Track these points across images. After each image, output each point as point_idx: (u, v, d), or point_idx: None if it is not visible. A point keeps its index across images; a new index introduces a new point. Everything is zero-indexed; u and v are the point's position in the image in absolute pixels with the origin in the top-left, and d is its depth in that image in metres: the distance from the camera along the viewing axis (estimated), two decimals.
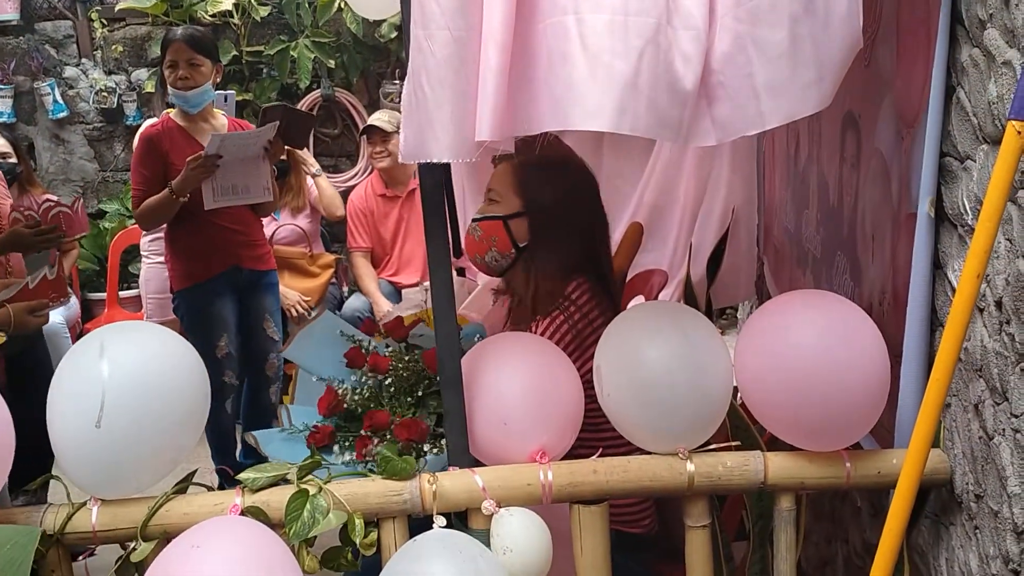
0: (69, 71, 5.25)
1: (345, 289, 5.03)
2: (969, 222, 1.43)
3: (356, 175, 5.38)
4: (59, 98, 5.23)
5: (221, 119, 3.61)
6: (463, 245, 2.07)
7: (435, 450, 1.84)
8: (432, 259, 1.50)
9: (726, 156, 3.20)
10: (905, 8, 1.59)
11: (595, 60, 1.31)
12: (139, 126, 5.24)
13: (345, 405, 2.02)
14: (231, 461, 3.76)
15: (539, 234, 1.98)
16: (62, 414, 1.41)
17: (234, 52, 5.08)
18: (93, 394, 1.37)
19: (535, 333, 1.91)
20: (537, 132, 1.33)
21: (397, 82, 5.43)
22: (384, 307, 4.67)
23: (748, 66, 1.33)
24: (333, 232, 5.02)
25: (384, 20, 4.83)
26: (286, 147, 3.67)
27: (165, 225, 3.59)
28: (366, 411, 1.98)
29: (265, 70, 5.24)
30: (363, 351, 2.12)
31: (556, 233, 1.95)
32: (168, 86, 3.43)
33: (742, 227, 3.47)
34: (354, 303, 4.77)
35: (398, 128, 4.64)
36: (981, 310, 1.41)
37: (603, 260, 2.09)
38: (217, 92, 4.06)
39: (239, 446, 3.87)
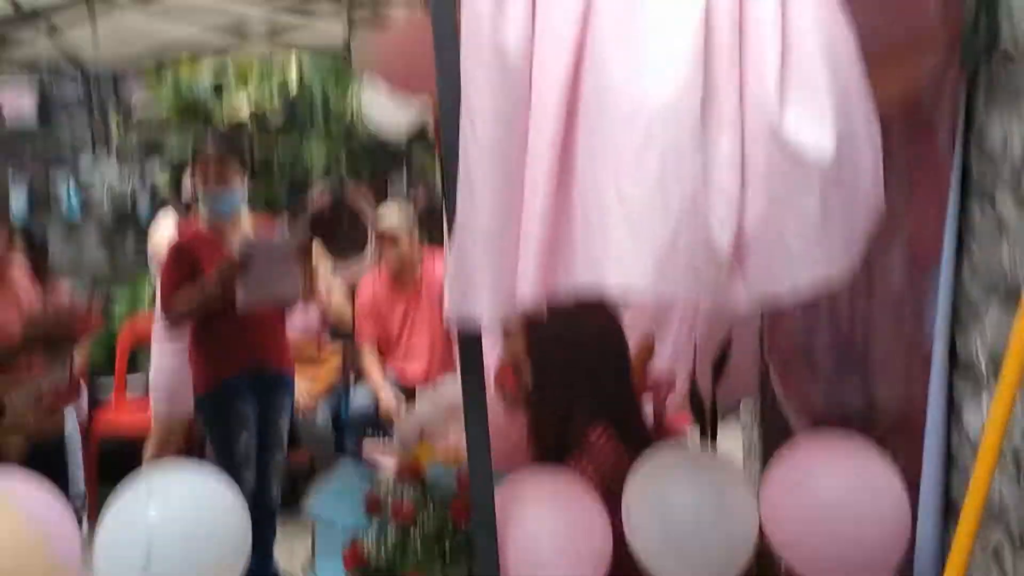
0: (84, 167, 5.35)
1: (352, 382, 5.06)
2: (983, 370, 1.50)
3: (364, 268, 5.44)
4: (73, 193, 5.32)
5: (248, 224, 3.68)
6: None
7: None
8: (468, 408, 1.55)
9: None
10: (919, 164, 1.68)
11: (634, 224, 1.39)
12: (151, 221, 5.38)
13: (371, 561, 2.02)
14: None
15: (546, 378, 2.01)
16: (110, 558, 1.44)
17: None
18: (141, 540, 1.40)
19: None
20: (577, 292, 1.40)
21: (405, 180, 5.55)
22: (389, 399, 4.71)
23: (780, 231, 1.40)
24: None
25: None
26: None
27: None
28: (393, 564, 1.99)
29: (276, 168, 5.35)
30: (380, 499, 2.11)
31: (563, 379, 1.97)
32: (198, 190, 3.50)
33: (745, 326, 3.53)
34: (360, 398, 4.80)
35: (408, 226, 4.79)
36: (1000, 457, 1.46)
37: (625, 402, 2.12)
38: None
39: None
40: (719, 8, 1.39)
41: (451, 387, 3.51)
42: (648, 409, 3.05)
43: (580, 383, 2.05)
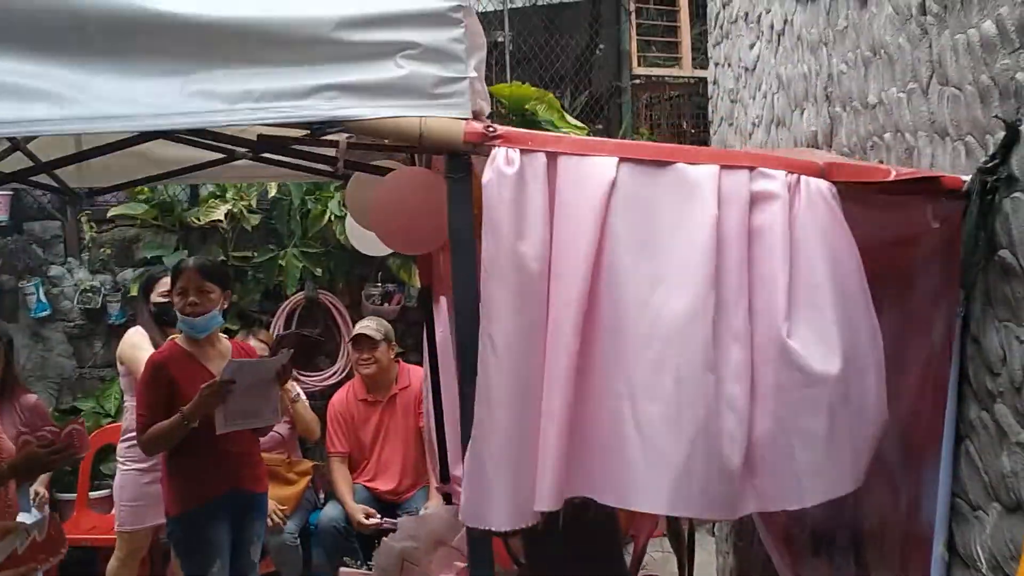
0: (55, 270, 5.31)
1: (322, 496, 4.98)
2: (983, 570, 1.52)
3: (334, 374, 5.42)
4: (43, 297, 5.26)
5: (225, 342, 3.66)
6: None
7: None
8: None
9: None
10: (917, 358, 1.73)
11: (650, 446, 1.44)
12: (121, 325, 5.32)
13: None
14: None
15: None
16: None
17: (221, 256, 5.19)
18: None
19: None
20: (595, 500, 1.41)
21: (379, 285, 5.56)
22: (359, 515, 4.64)
23: (789, 448, 1.45)
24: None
25: None
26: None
27: None
28: None
29: (251, 273, 5.34)
30: None
31: None
32: (177, 310, 3.48)
33: None
34: (330, 512, 4.74)
35: (385, 336, 4.79)
36: None
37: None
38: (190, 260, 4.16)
39: None
40: (729, 223, 1.45)
41: (434, 516, 3.48)
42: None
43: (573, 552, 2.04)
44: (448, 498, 3.87)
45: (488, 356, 1.42)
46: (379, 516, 4.66)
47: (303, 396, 4.90)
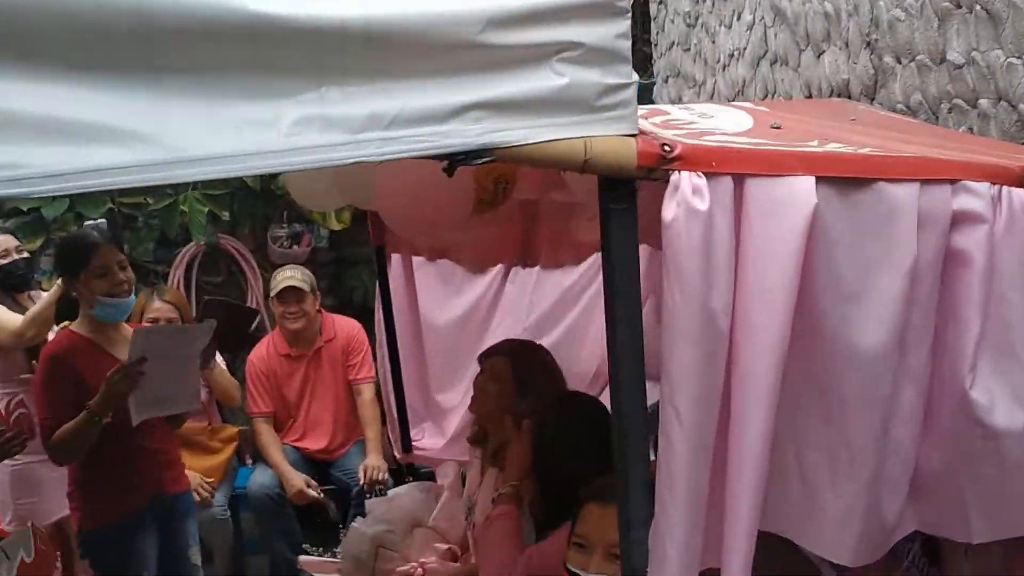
0: None
1: (250, 462, 4.62)
2: None
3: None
4: None
5: (126, 326, 3.15)
6: None
7: None
8: None
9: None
10: None
11: (811, 494, 1.32)
12: None
13: None
14: None
15: None
16: None
17: (109, 204, 4.60)
18: None
19: None
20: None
21: (285, 226, 5.12)
22: (295, 481, 4.33)
23: (958, 489, 1.36)
24: None
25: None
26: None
27: None
28: None
29: (141, 219, 4.79)
30: None
31: None
32: (86, 294, 2.95)
33: None
34: (260, 478, 4.39)
35: (311, 287, 4.41)
36: None
37: None
38: (87, 223, 3.65)
39: None
40: (926, 250, 1.25)
41: (405, 496, 3.23)
42: None
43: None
44: (414, 470, 3.63)
45: (673, 430, 1.18)
46: (318, 488, 4.36)
47: (220, 359, 4.47)
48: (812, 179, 1.18)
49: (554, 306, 3.30)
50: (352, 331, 4.65)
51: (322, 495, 4.33)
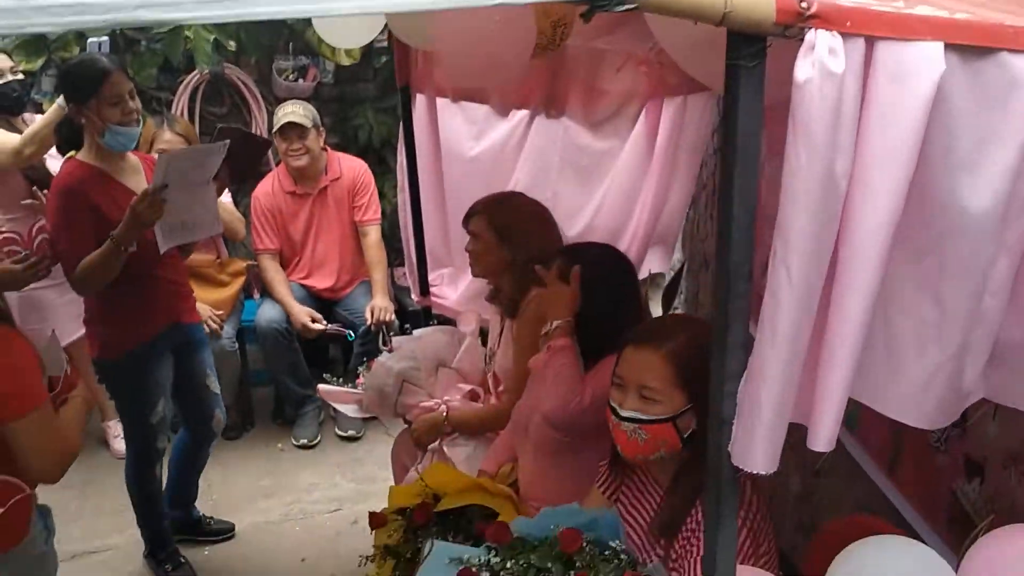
0: None
1: (257, 297, 4.66)
2: None
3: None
4: None
5: (132, 156, 3.11)
6: (618, 443, 1.92)
7: None
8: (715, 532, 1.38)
9: (682, 189, 3.18)
10: None
11: (896, 359, 1.34)
12: None
13: None
14: (157, 526, 3.48)
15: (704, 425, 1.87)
16: None
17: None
18: None
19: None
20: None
21: (291, 58, 4.98)
22: (300, 315, 4.40)
23: None
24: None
25: None
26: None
27: None
28: None
29: (144, 44, 4.62)
30: (475, 569, 1.94)
31: None
32: (98, 121, 2.86)
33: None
34: (268, 312, 4.45)
35: (314, 122, 4.33)
36: None
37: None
38: (91, 40, 3.55)
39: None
40: None
41: (430, 337, 3.29)
42: None
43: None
44: (428, 313, 3.68)
45: (782, 290, 1.20)
46: (324, 321, 4.43)
47: (226, 195, 4.43)
48: (941, 45, 1.16)
49: (581, 165, 3.28)
50: (358, 171, 4.62)
51: (328, 326, 4.40)
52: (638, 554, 1.96)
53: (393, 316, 4.45)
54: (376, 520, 2.21)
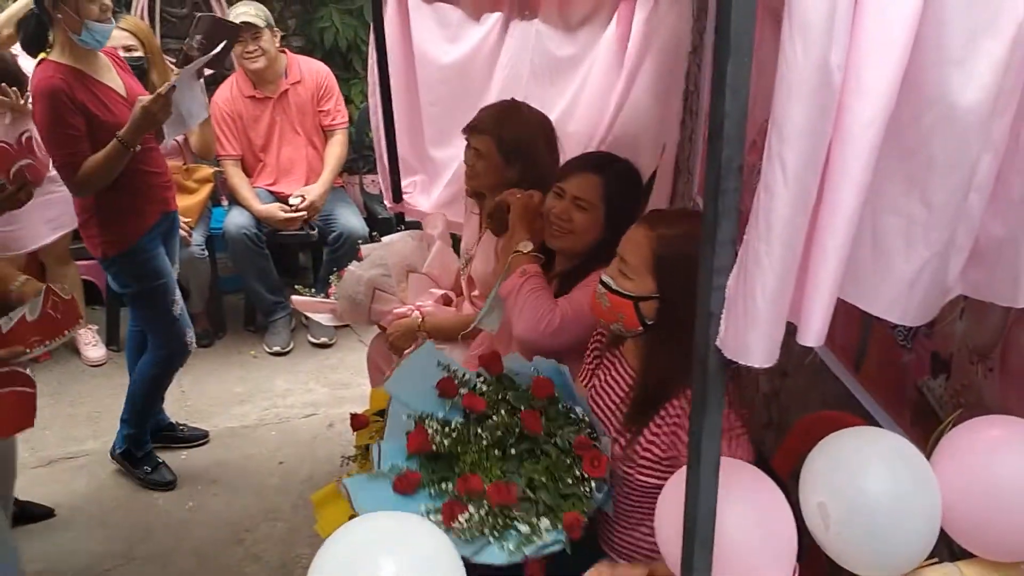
0: None
1: (225, 203, 4.60)
2: None
3: None
4: None
5: (101, 54, 3.06)
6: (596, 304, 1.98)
7: (542, 525, 1.85)
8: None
9: (652, 90, 3.16)
10: None
11: (884, 258, 1.36)
12: None
13: (433, 447, 1.97)
14: (145, 427, 3.53)
15: (668, 318, 1.91)
16: None
17: None
18: None
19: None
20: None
21: None
22: (270, 211, 4.38)
23: (1014, 251, 1.39)
24: None
25: None
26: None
27: None
28: (452, 455, 1.97)
29: None
30: (456, 382, 2.07)
31: (687, 323, 1.89)
32: (89, 22, 2.83)
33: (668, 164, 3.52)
34: (236, 219, 4.41)
35: (267, 22, 4.23)
36: None
37: None
38: None
39: None
40: None
41: (399, 243, 3.29)
42: None
43: None
44: (402, 219, 3.66)
45: (776, 184, 1.20)
46: (297, 206, 4.40)
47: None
48: None
49: (552, 70, 3.23)
50: (322, 75, 4.54)
51: (296, 208, 4.40)
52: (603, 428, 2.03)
53: (318, 206, 4.47)
54: (358, 421, 2.24)
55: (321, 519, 2.05)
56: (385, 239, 3.26)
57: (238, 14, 4.23)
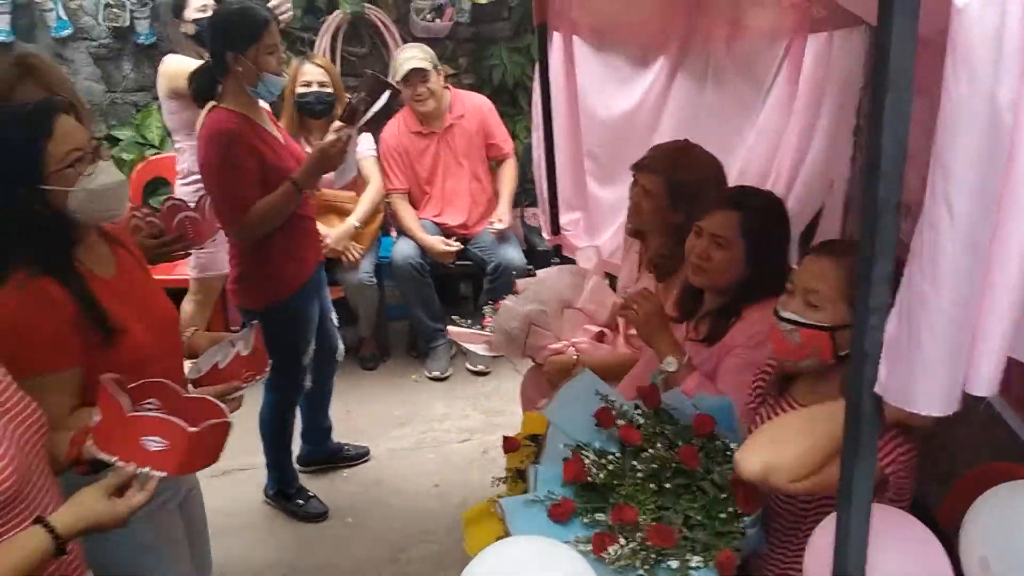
0: None
1: (394, 234, 4.81)
2: None
3: None
4: (62, 13, 4.65)
5: (263, 103, 3.17)
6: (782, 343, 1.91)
7: (693, 563, 1.82)
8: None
9: (822, 127, 3.05)
10: None
11: None
12: (151, 46, 4.79)
13: (589, 478, 1.98)
14: (288, 463, 3.63)
15: None
16: None
17: None
18: None
19: None
20: None
21: None
22: (433, 243, 4.54)
23: None
24: None
25: None
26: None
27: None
28: (608, 488, 1.97)
29: None
30: (614, 413, 2.09)
31: None
32: (267, 74, 2.94)
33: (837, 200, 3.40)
34: (403, 249, 4.59)
35: (433, 64, 4.40)
36: None
37: None
38: None
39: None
40: None
41: (554, 278, 3.33)
42: None
43: None
44: (558, 252, 3.71)
45: (942, 223, 1.17)
46: (455, 242, 4.56)
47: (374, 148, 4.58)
48: None
49: (721, 109, 3.19)
50: (484, 108, 4.70)
51: (459, 245, 4.57)
52: None
53: (506, 226, 4.60)
54: (509, 444, 2.29)
55: (470, 537, 2.10)
56: (540, 273, 3.30)
57: (406, 58, 4.42)
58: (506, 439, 2.30)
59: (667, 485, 1.98)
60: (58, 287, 1.79)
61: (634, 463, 2.02)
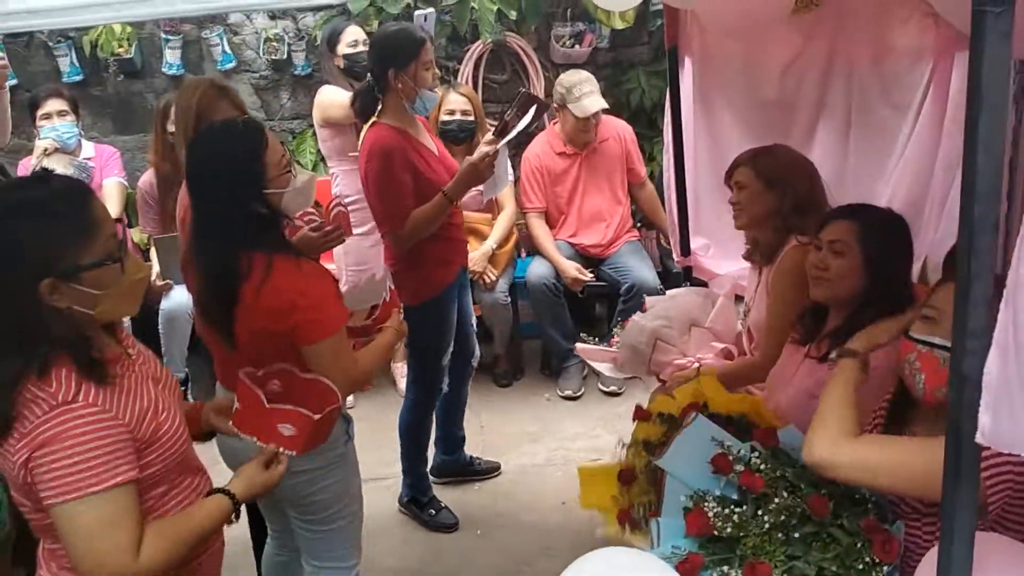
0: (234, 17, 5.02)
1: (524, 253, 4.92)
2: None
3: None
4: (227, 48, 5.03)
5: (419, 118, 3.33)
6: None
7: None
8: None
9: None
10: None
11: None
12: (307, 76, 5.11)
13: (715, 532, 1.97)
14: (423, 472, 3.76)
15: None
16: None
17: (407, 1, 4.80)
18: None
19: None
20: None
21: (568, 24, 5.14)
22: (568, 268, 4.59)
23: None
24: None
25: None
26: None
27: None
28: (734, 540, 1.95)
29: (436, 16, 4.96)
30: (731, 459, 2.07)
31: None
32: (411, 87, 3.12)
33: None
34: (538, 269, 4.68)
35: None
36: None
37: None
38: (417, 12, 3.86)
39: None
40: None
41: (684, 297, 3.35)
42: None
43: None
44: (689, 274, 3.72)
45: None
46: (589, 273, 4.62)
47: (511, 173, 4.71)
48: None
49: (871, 146, 3.11)
50: (627, 133, 4.75)
51: (591, 276, 4.63)
52: (891, 508, 1.94)
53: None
54: (640, 414, 2.34)
55: (585, 493, 2.25)
56: (670, 292, 3.33)
57: (585, 93, 4.44)
58: (638, 408, 2.35)
59: (795, 534, 1.94)
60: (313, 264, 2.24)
61: (758, 511, 1.97)
